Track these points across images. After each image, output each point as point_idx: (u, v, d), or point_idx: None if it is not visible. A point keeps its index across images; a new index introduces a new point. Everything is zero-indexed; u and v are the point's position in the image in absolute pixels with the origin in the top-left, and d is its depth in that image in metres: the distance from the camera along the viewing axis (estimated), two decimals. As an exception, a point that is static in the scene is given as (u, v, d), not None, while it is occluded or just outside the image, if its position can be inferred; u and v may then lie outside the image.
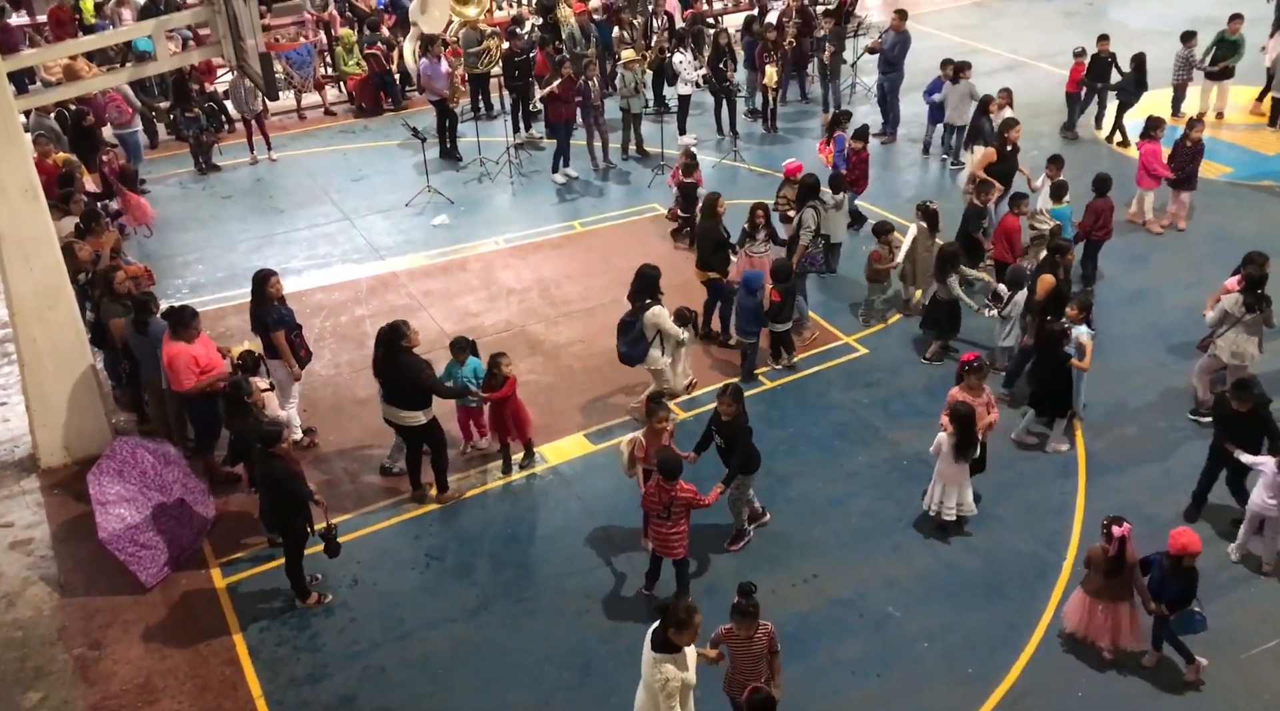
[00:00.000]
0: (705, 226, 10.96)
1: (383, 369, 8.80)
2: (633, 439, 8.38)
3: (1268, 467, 8.02)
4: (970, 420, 8.34)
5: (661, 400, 8.45)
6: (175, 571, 8.57)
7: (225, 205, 14.63)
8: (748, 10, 18.53)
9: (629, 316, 9.52)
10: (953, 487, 8.60)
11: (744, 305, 10.34)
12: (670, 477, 7.52)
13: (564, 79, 14.43)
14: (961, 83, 14.36)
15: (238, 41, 9.05)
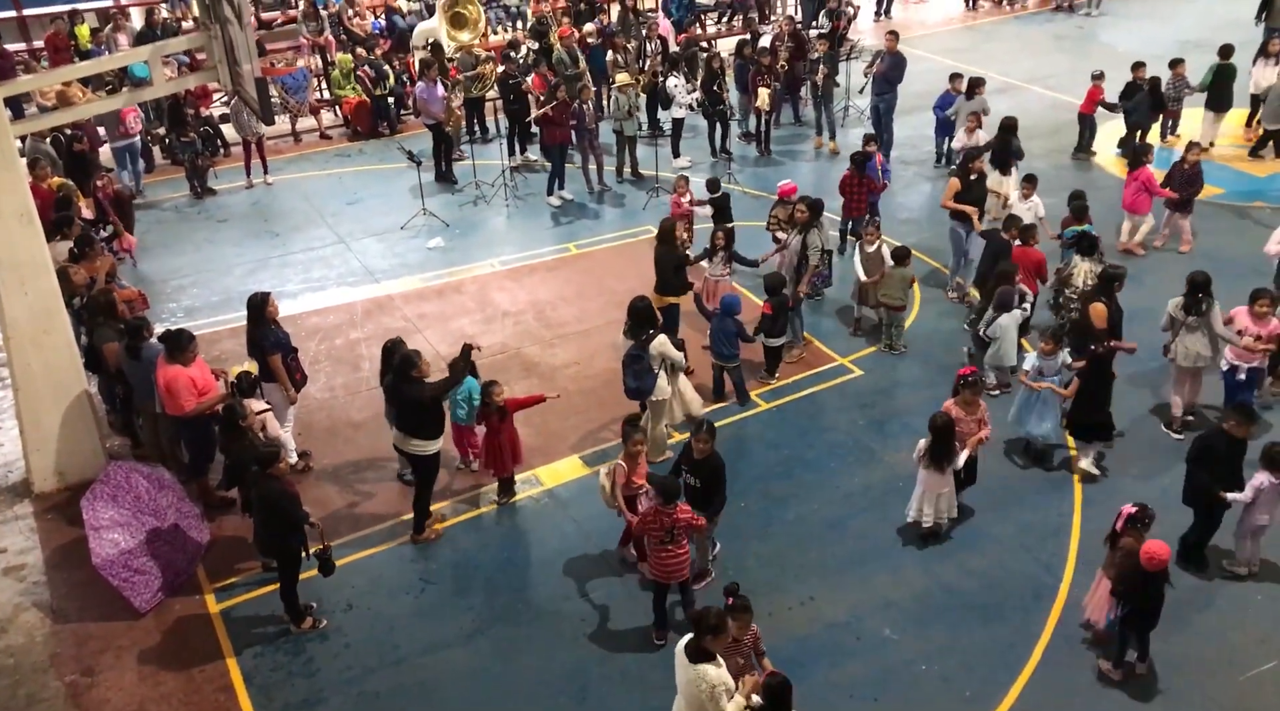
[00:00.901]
0: (663, 252, 10.89)
1: (396, 400, 8.79)
2: (611, 468, 8.31)
3: (1265, 482, 8.01)
4: (947, 430, 8.39)
5: (637, 424, 8.39)
6: (169, 596, 8.52)
7: (220, 229, 14.64)
8: (740, 34, 18.63)
9: (635, 350, 9.38)
10: (931, 495, 8.64)
11: (724, 329, 10.21)
12: (669, 501, 7.50)
13: (559, 102, 14.49)
14: (976, 98, 14.48)
15: (234, 66, 9.09)
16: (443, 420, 8.80)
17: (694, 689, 6.12)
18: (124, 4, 18.19)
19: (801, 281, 11.20)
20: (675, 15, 19.24)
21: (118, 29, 16.89)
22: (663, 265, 10.89)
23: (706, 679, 6.07)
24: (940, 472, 8.54)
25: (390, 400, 8.94)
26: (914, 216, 14.40)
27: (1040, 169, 15.08)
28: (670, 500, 7.52)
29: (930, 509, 8.71)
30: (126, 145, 15.16)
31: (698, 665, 6.13)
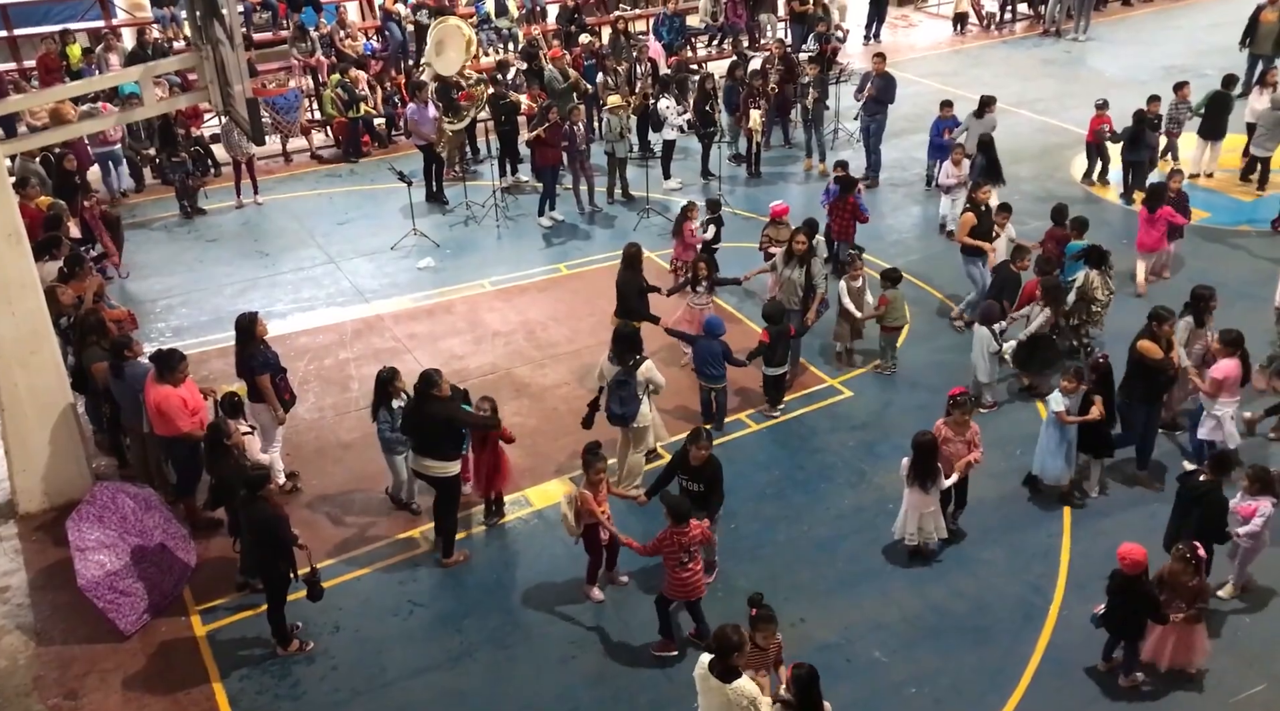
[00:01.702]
0: (626, 277, 10.82)
1: (414, 419, 8.68)
2: (573, 496, 8.22)
3: (1269, 508, 8.02)
4: (930, 449, 8.40)
5: (598, 452, 8.29)
6: (155, 618, 8.45)
7: (210, 248, 14.62)
8: (730, 57, 18.75)
9: (622, 376, 9.28)
10: (915, 513, 8.65)
11: (709, 350, 10.19)
12: (682, 521, 7.56)
13: (550, 124, 14.55)
14: (986, 117, 14.61)
15: (225, 87, 9.10)
16: (461, 440, 8.79)
17: (736, 708, 6.23)
18: (115, 24, 18.22)
19: (809, 311, 11.04)
20: (666, 38, 19.36)
21: (109, 49, 16.91)
22: (625, 290, 10.81)
23: (747, 694, 6.23)
24: (924, 492, 8.55)
25: (411, 421, 8.75)
26: (903, 238, 14.47)
27: (1028, 192, 15.25)
28: (683, 520, 7.57)
29: (914, 528, 8.73)
30: (108, 152, 15.30)
31: (733, 683, 6.23)
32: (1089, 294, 11.00)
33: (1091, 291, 11.00)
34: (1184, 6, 24.53)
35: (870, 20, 22.69)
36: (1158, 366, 9.33)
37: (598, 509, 8.14)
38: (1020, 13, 23.91)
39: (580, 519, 8.16)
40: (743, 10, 20.78)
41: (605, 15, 20.27)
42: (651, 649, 8.12)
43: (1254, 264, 13.33)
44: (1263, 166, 15.22)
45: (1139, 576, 7.29)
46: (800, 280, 11.01)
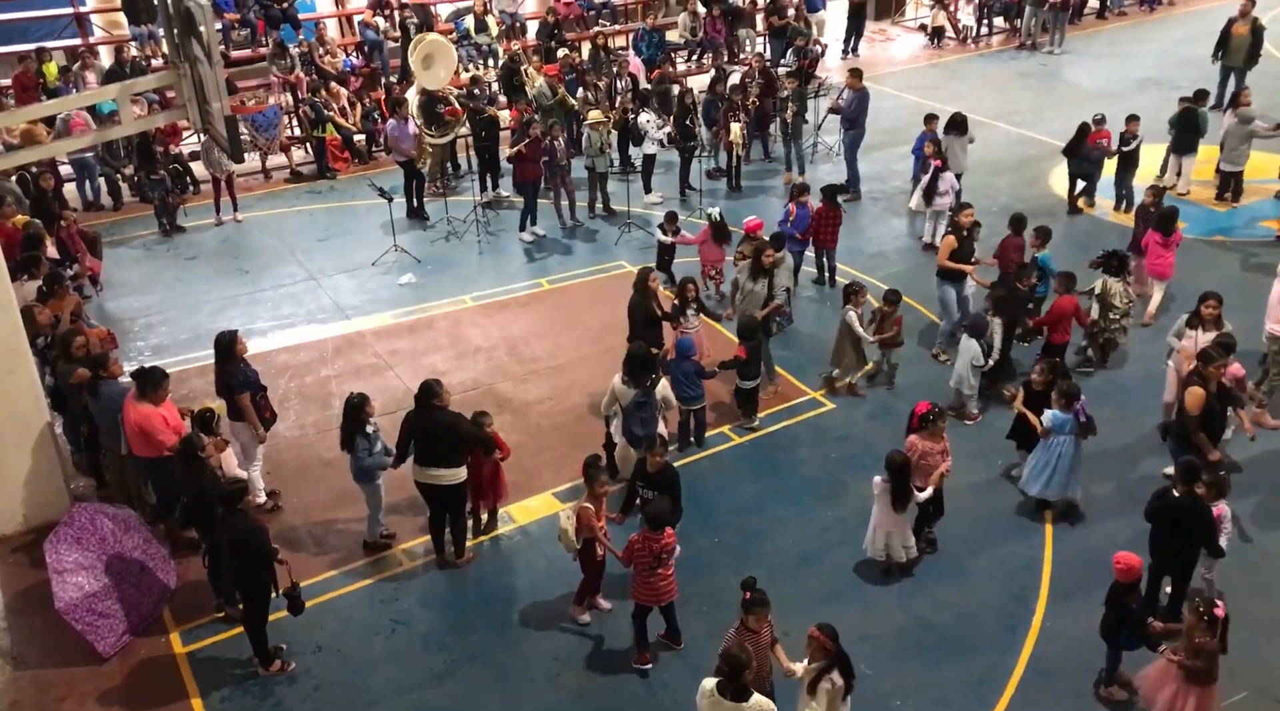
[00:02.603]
0: (637, 301, 10.75)
1: (421, 430, 8.67)
2: (575, 510, 8.15)
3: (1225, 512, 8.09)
4: (905, 469, 8.42)
5: (599, 465, 8.32)
6: (134, 639, 8.36)
7: (190, 266, 14.55)
8: (710, 72, 18.84)
9: (641, 397, 9.26)
10: (883, 532, 8.69)
11: (682, 371, 10.17)
12: (659, 527, 7.61)
13: (531, 139, 14.57)
14: (963, 137, 14.76)
15: (203, 105, 9.08)
16: (462, 447, 8.78)
17: None
18: (92, 42, 18.15)
19: (763, 311, 11.11)
20: (645, 53, 19.43)
21: (86, 67, 16.83)
22: (634, 315, 10.76)
23: (764, 710, 6.29)
24: (899, 512, 8.56)
25: (414, 432, 8.72)
26: (882, 250, 14.53)
27: (1006, 204, 15.35)
28: (659, 527, 7.61)
29: (882, 545, 8.76)
30: (79, 160, 15.30)
31: (749, 702, 6.27)
32: (1107, 300, 11.08)
33: (1110, 298, 11.09)
34: (1157, 20, 24.82)
35: (848, 35, 22.86)
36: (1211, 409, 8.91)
37: (598, 524, 8.10)
38: (996, 26, 24.13)
39: (580, 534, 8.10)
40: (722, 25, 20.89)
41: (585, 31, 20.34)
42: (633, 661, 8.15)
43: (1229, 273, 13.45)
44: (1235, 181, 15.28)
45: (1129, 585, 7.27)
46: (763, 292, 11.10)
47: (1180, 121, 15.28)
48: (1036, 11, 22.72)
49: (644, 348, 9.59)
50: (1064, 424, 9.09)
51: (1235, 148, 14.93)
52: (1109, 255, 11.47)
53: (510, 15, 20.02)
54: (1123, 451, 10.28)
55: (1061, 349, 11.03)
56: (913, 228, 15.00)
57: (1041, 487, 9.34)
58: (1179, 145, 15.42)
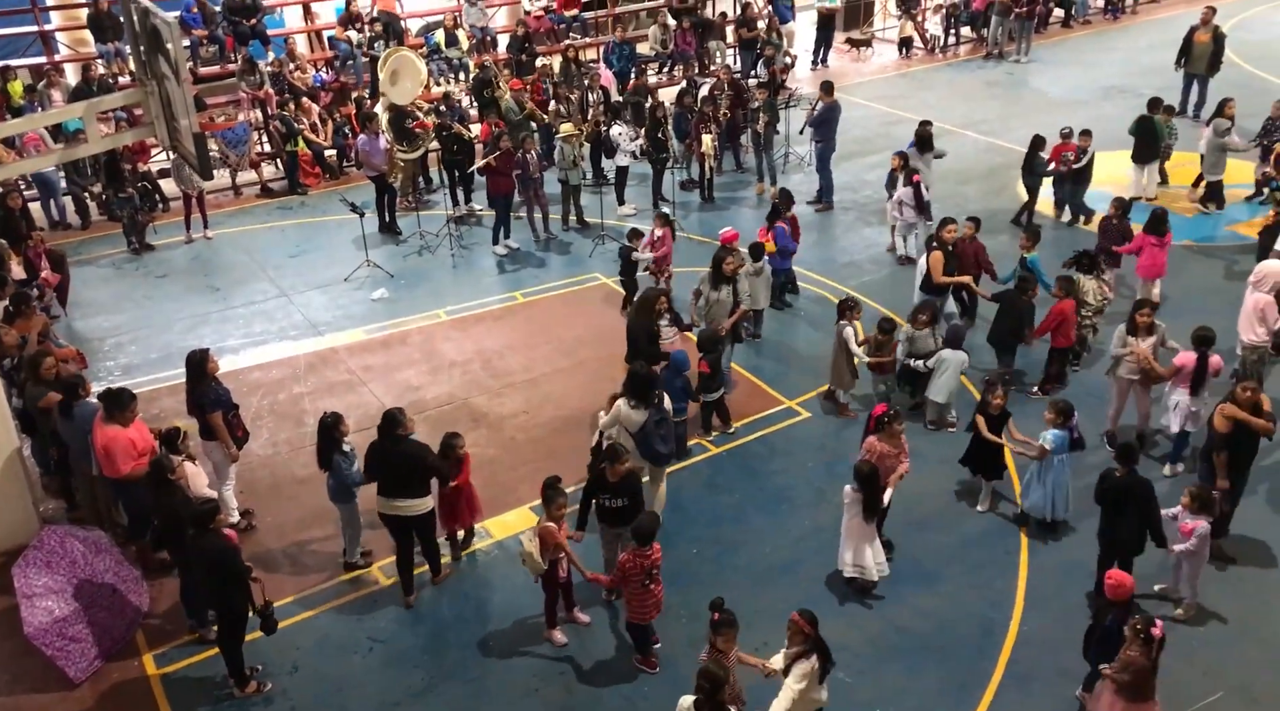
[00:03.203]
0: (641, 322, 10.69)
1: (385, 461, 8.48)
2: (539, 532, 8.03)
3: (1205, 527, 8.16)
4: (875, 478, 8.45)
5: (558, 487, 8.18)
6: (106, 663, 8.25)
7: (160, 285, 14.42)
8: (680, 84, 18.91)
9: (657, 415, 9.13)
10: (851, 543, 8.69)
11: (673, 385, 10.17)
12: (647, 542, 7.64)
13: (502, 152, 14.56)
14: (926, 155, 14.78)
15: (171, 122, 9.01)
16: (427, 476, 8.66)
17: None
18: (58, 60, 17.99)
19: (730, 319, 11.13)
20: (616, 66, 19.48)
21: (51, 85, 16.67)
22: (636, 335, 10.68)
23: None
24: (869, 522, 8.58)
25: (376, 464, 8.53)
26: (854, 260, 14.60)
27: (976, 211, 15.41)
28: (648, 542, 7.63)
29: (853, 559, 8.71)
30: (41, 177, 15.15)
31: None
32: (1080, 299, 11.17)
33: (1083, 296, 11.19)
34: (1120, 29, 25.14)
35: (818, 46, 23.01)
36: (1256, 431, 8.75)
37: (565, 542, 8.04)
38: (964, 36, 24.36)
39: (546, 553, 8.02)
40: (692, 38, 20.97)
41: (556, 44, 20.37)
42: (635, 661, 8.22)
43: (1194, 278, 13.61)
44: (1216, 190, 15.42)
45: (1118, 603, 7.20)
46: (728, 300, 11.11)
47: (1138, 130, 15.47)
48: (1003, 21, 22.96)
49: (645, 366, 9.39)
50: (1063, 442, 9.06)
51: (1213, 157, 15.01)
52: (1080, 254, 11.63)
53: (481, 29, 20.03)
54: (1095, 455, 10.33)
55: (1064, 353, 11.18)
56: (887, 237, 15.05)
57: (1054, 510, 9.27)
58: (1138, 154, 15.57)
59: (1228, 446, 8.74)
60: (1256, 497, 9.74)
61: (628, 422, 9.15)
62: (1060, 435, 9.03)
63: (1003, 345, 11.32)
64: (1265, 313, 10.38)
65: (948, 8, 23.98)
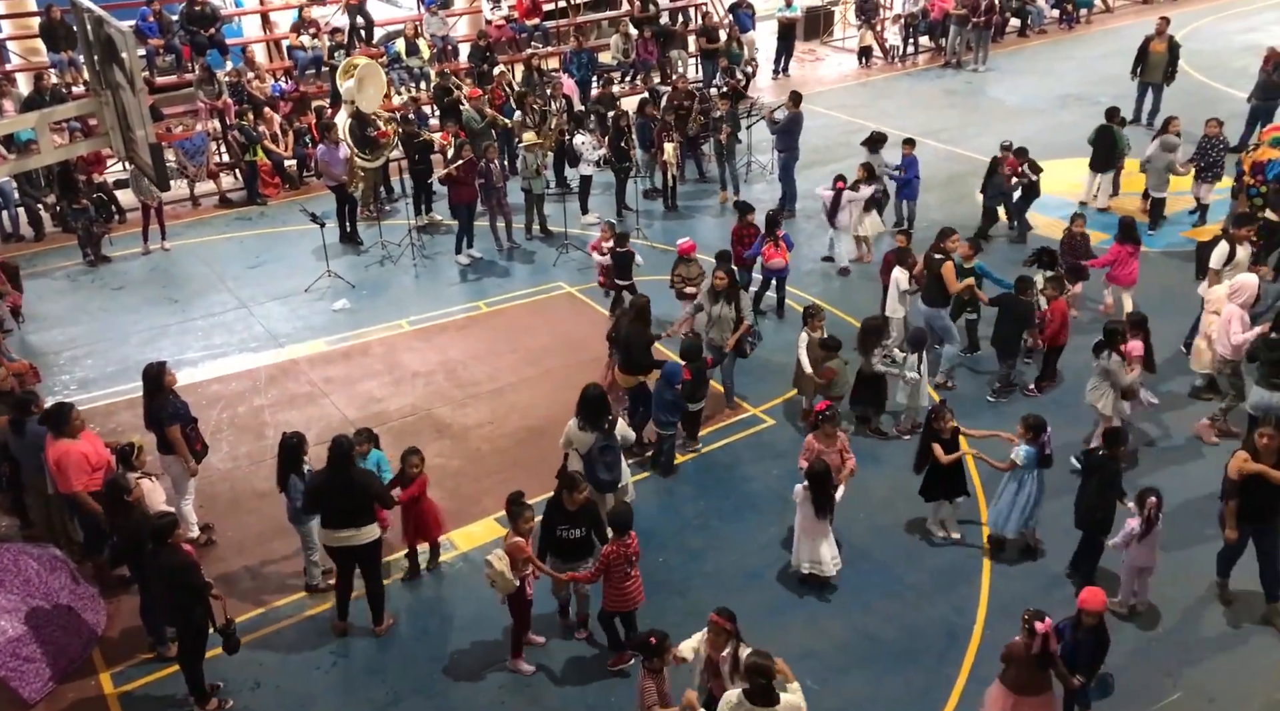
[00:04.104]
0: (637, 331, 10.57)
1: (330, 492, 8.14)
2: (508, 549, 7.83)
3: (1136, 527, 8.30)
4: (826, 477, 8.53)
5: (523, 501, 7.99)
6: (61, 684, 8.09)
7: (116, 297, 14.21)
8: (643, 93, 18.95)
9: (604, 441, 8.88)
10: (806, 541, 8.77)
11: (666, 398, 10.16)
12: (625, 532, 7.73)
13: (465, 161, 14.51)
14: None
15: (127, 132, 8.88)
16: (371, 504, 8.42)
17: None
18: (9, 69, 17.71)
19: (731, 338, 11.00)
20: (578, 74, 19.49)
21: (3, 95, 16.39)
22: (633, 344, 10.52)
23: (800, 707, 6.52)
24: (820, 518, 8.66)
25: (321, 494, 8.21)
26: (816, 268, 14.69)
27: (935, 219, 15.61)
28: (626, 531, 7.75)
29: (809, 557, 8.81)
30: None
31: (782, 702, 6.43)
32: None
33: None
34: (1076, 38, 25.52)
35: (778, 55, 23.16)
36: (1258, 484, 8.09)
37: (534, 556, 7.91)
38: (922, 45, 24.62)
39: (516, 570, 7.82)
40: (654, 47, 21.04)
41: (517, 53, 20.35)
42: (608, 664, 8.21)
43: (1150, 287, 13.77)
44: (1158, 207, 15.24)
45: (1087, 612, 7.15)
46: (732, 315, 11.00)
47: (1097, 139, 15.68)
48: (960, 30, 23.24)
49: (599, 389, 9.13)
50: (1034, 458, 8.94)
51: (1158, 173, 14.90)
52: (1040, 252, 11.80)
53: (442, 38, 19.98)
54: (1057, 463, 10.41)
55: (1059, 351, 11.34)
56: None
57: (1017, 527, 9.16)
58: (1096, 163, 15.75)
59: (1238, 495, 8.18)
60: (1212, 500, 9.89)
61: (578, 443, 9.03)
62: (1031, 451, 8.91)
63: (1005, 347, 11.39)
64: (1231, 324, 10.28)
65: (906, 18, 24.24)
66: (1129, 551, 8.39)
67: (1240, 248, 11.47)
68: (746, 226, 13.14)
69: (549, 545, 8.15)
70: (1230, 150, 15.45)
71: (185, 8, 18.13)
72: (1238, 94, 19.29)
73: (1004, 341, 11.41)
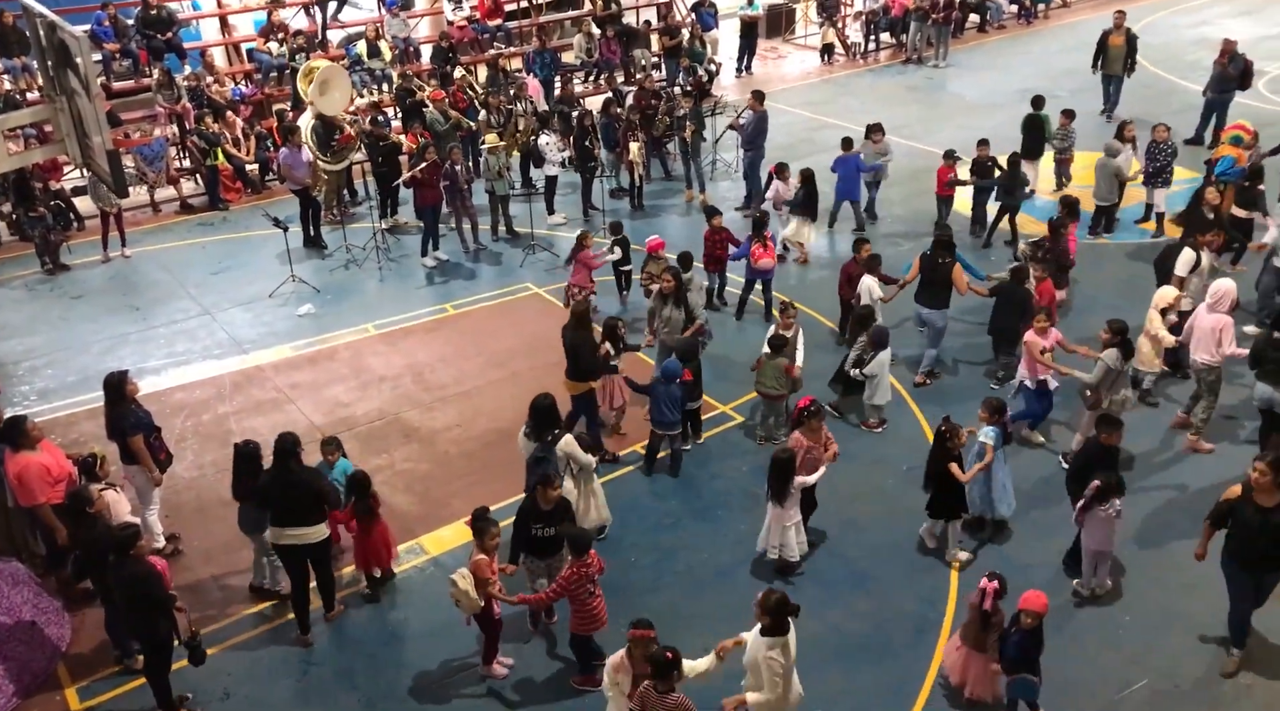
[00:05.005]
0: (582, 337, 10.27)
1: (280, 490, 8.15)
2: (472, 568, 7.75)
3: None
4: (785, 465, 8.63)
5: (488, 517, 7.92)
6: (26, 699, 7.96)
7: (75, 305, 14.02)
8: (606, 93, 18.94)
9: (540, 453, 8.82)
10: (778, 527, 8.88)
11: (668, 394, 10.05)
12: (584, 552, 7.57)
13: (429, 163, 14.43)
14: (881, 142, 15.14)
15: (83, 139, 8.76)
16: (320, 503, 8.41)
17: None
18: (-37, 75, 17.41)
19: (688, 333, 11.02)
20: (541, 74, 19.45)
21: (-44, 101, 16.13)
22: (580, 349, 10.25)
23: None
24: (780, 506, 8.76)
25: (271, 492, 8.21)
26: (782, 268, 14.66)
27: (899, 215, 15.77)
28: (585, 552, 7.58)
29: (777, 542, 8.93)
30: None
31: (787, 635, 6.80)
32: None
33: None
34: (1034, 33, 25.79)
35: (741, 53, 23.22)
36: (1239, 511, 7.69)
37: (494, 577, 7.77)
38: (884, 42, 24.79)
39: (481, 589, 7.73)
40: (617, 46, 21.03)
41: (480, 54, 20.27)
42: (573, 681, 8.12)
43: (1104, 277, 13.95)
44: (1105, 216, 14.90)
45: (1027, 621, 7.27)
46: (681, 316, 11.04)
47: (1025, 127, 15.87)
48: (921, 26, 23.42)
49: (551, 398, 9.00)
50: (1001, 437, 9.14)
51: (1104, 182, 14.65)
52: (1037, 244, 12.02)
53: (404, 40, 19.86)
54: (1016, 452, 10.54)
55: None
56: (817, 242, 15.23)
57: (995, 509, 9.32)
58: (1025, 150, 15.79)
59: (1216, 522, 7.91)
60: (1174, 490, 10.05)
61: (523, 448, 9.01)
62: (998, 431, 9.09)
63: (1003, 336, 11.43)
64: (1223, 335, 10.14)
65: (867, 14, 24.41)
66: (1085, 535, 8.52)
67: (1204, 253, 11.52)
68: (716, 230, 13.15)
69: (523, 542, 8.14)
70: (1187, 142, 15.63)
71: (141, 12, 17.91)
72: (1192, 87, 19.61)
73: (1003, 331, 11.45)
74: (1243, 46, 17.81)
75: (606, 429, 10.91)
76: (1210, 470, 10.21)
